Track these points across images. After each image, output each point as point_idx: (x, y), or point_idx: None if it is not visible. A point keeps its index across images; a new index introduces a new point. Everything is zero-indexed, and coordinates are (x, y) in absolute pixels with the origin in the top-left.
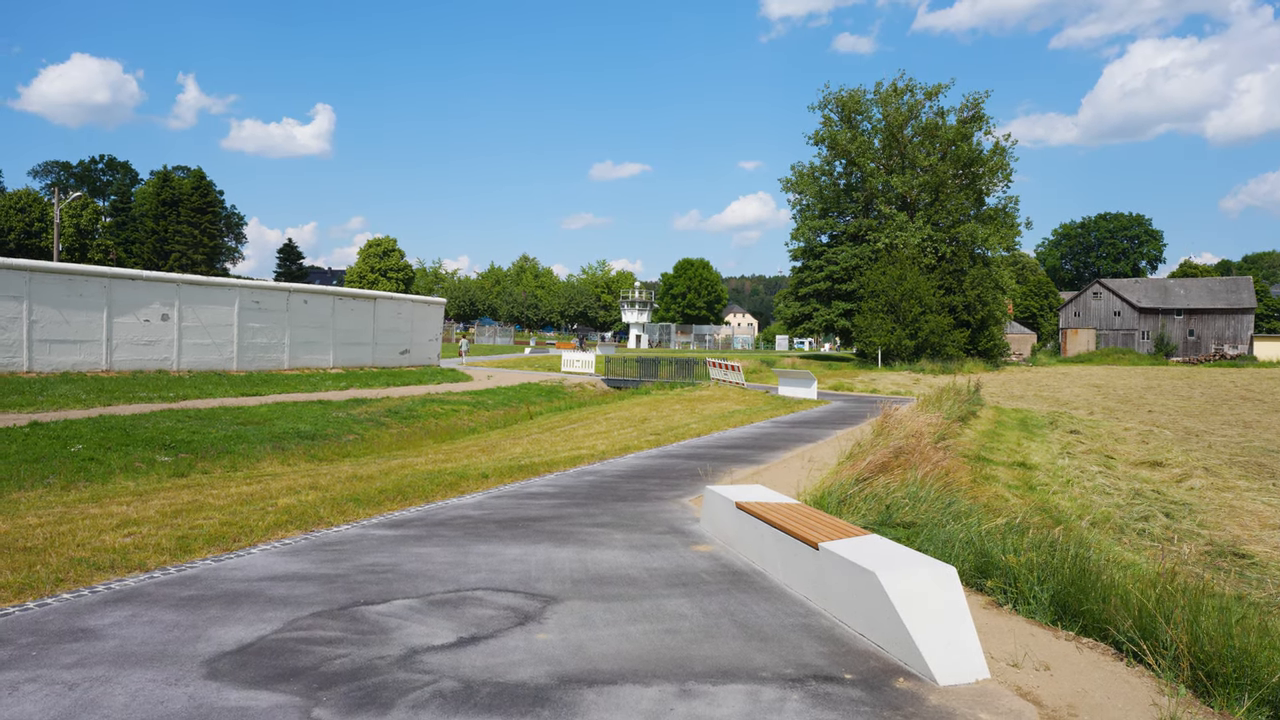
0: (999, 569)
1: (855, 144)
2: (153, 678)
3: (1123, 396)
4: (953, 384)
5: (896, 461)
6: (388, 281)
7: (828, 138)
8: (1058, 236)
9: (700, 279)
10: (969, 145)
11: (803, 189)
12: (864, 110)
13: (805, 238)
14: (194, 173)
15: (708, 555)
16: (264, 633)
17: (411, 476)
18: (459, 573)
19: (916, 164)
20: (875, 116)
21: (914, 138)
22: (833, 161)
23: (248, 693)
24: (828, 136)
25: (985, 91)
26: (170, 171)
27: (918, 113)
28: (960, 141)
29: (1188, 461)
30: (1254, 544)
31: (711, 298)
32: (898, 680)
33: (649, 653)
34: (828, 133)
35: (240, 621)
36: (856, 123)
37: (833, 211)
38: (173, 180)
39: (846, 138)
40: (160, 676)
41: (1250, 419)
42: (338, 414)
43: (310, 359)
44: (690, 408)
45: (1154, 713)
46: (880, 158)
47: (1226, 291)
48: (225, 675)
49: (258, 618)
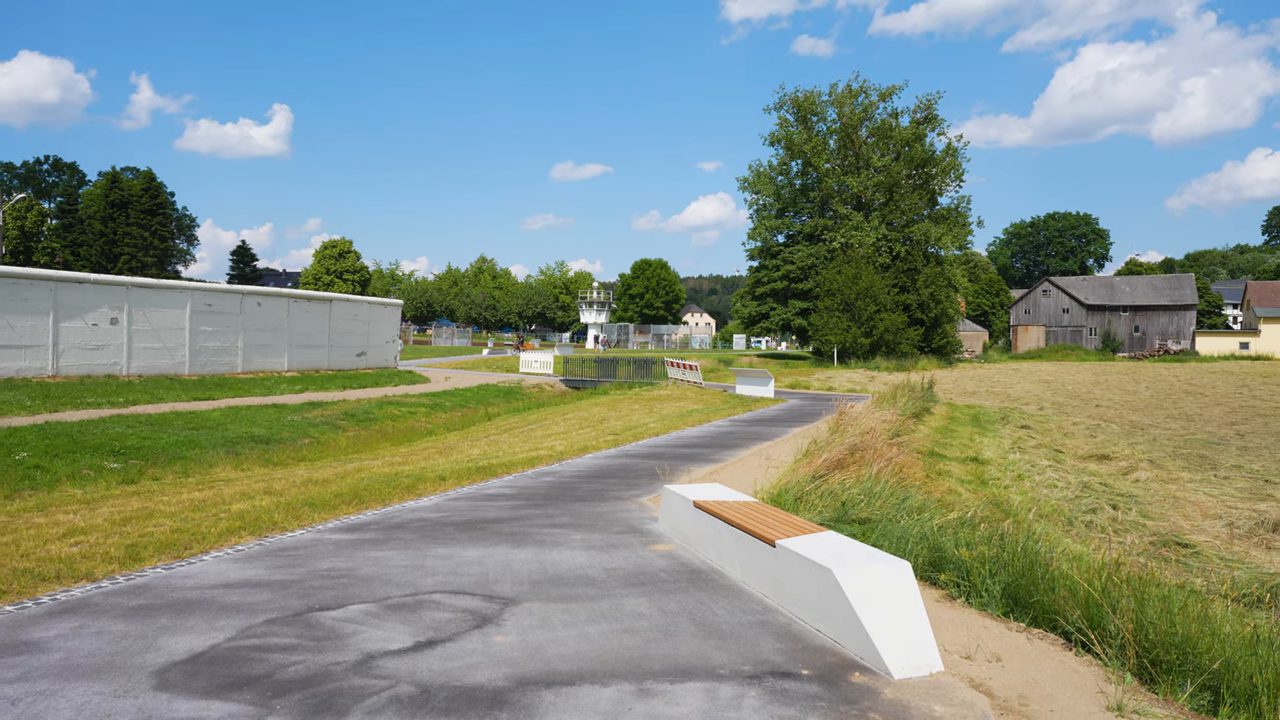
0: (952, 563)
1: (811, 145)
2: (100, 690)
3: (1072, 392)
4: (907, 381)
5: (852, 458)
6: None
7: (784, 138)
8: (1009, 235)
9: (658, 279)
10: (922, 146)
11: (760, 189)
12: (819, 111)
13: (762, 237)
14: (144, 174)
15: (666, 554)
16: (216, 641)
17: (368, 480)
18: (416, 576)
19: (871, 164)
20: (830, 117)
21: (868, 138)
22: (789, 162)
23: (199, 703)
24: (784, 137)
25: (938, 93)
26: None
27: (872, 114)
28: (914, 142)
29: (1133, 454)
30: (1196, 534)
31: (669, 298)
32: (854, 675)
33: (607, 653)
34: (784, 133)
35: (192, 630)
36: (812, 124)
37: (789, 211)
38: (122, 181)
39: (802, 138)
40: (107, 689)
41: (1192, 412)
42: (293, 417)
43: (265, 362)
44: (649, 407)
45: (1101, 701)
46: (836, 158)
47: (1170, 289)
48: (176, 686)
49: (210, 626)
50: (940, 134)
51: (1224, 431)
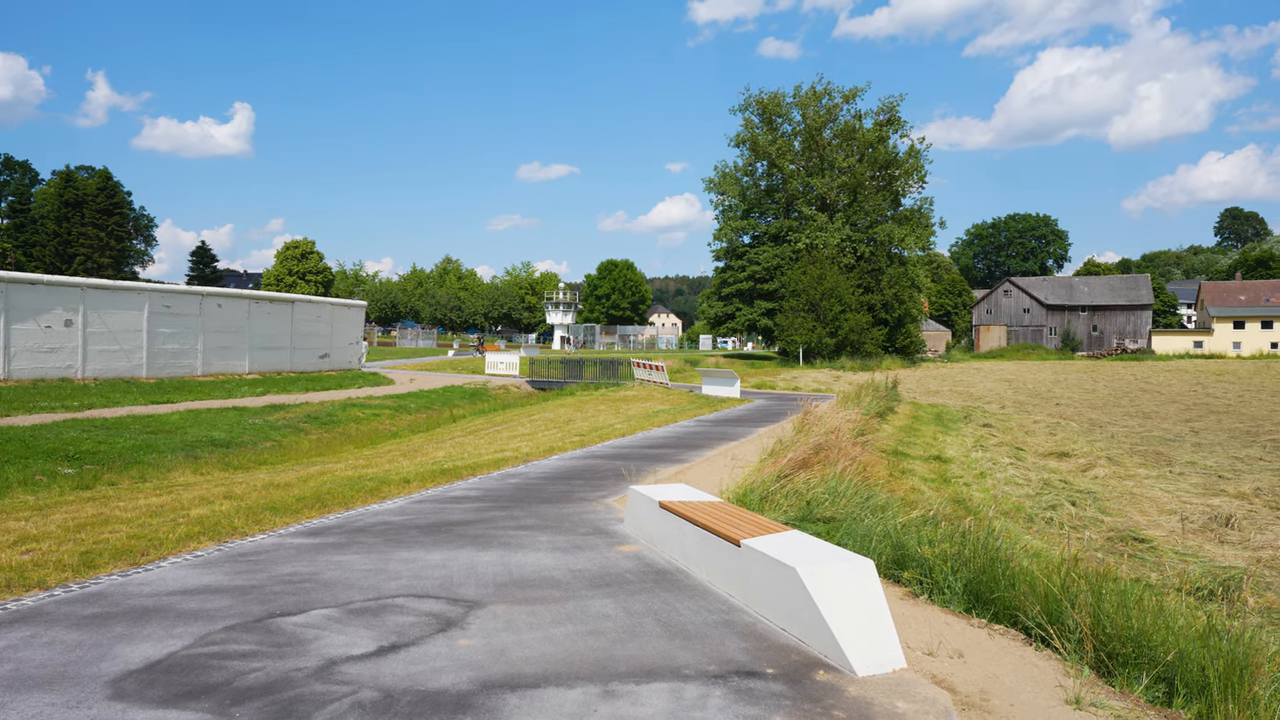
0: (915, 560)
1: (775, 146)
2: (52, 701)
3: (1032, 390)
4: (871, 381)
5: (817, 458)
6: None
7: (749, 139)
8: (970, 236)
9: (624, 280)
10: (885, 148)
11: (725, 190)
12: (784, 113)
13: (728, 238)
14: (99, 173)
15: (632, 555)
16: (174, 649)
17: (331, 483)
18: (380, 580)
19: (835, 166)
20: (795, 119)
21: (832, 140)
22: (754, 163)
23: (155, 712)
24: (749, 138)
25: (900, 95)
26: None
27: (836, 115)
28: (877, 144)
29: (1092, 451)
30: (1152, 529)
31: (636, 298)
32: (818, 673)
33: (572, 655)
34: (749, 134)
35: (148, 638)
36: (777, 125)
37: (755, 212)
38: (76, 180)
39: (767, 140)
40: (60, 700)
41: (1149, 410)
42: (254, 420)
43: (225, 364)
44: (615, 408)
45: (1060, 694)
46: (800, 159)
47: (1127, 289)
48: (131, 695)
49: (167, 633)
50: (903, 136)
51: (1179, 429)
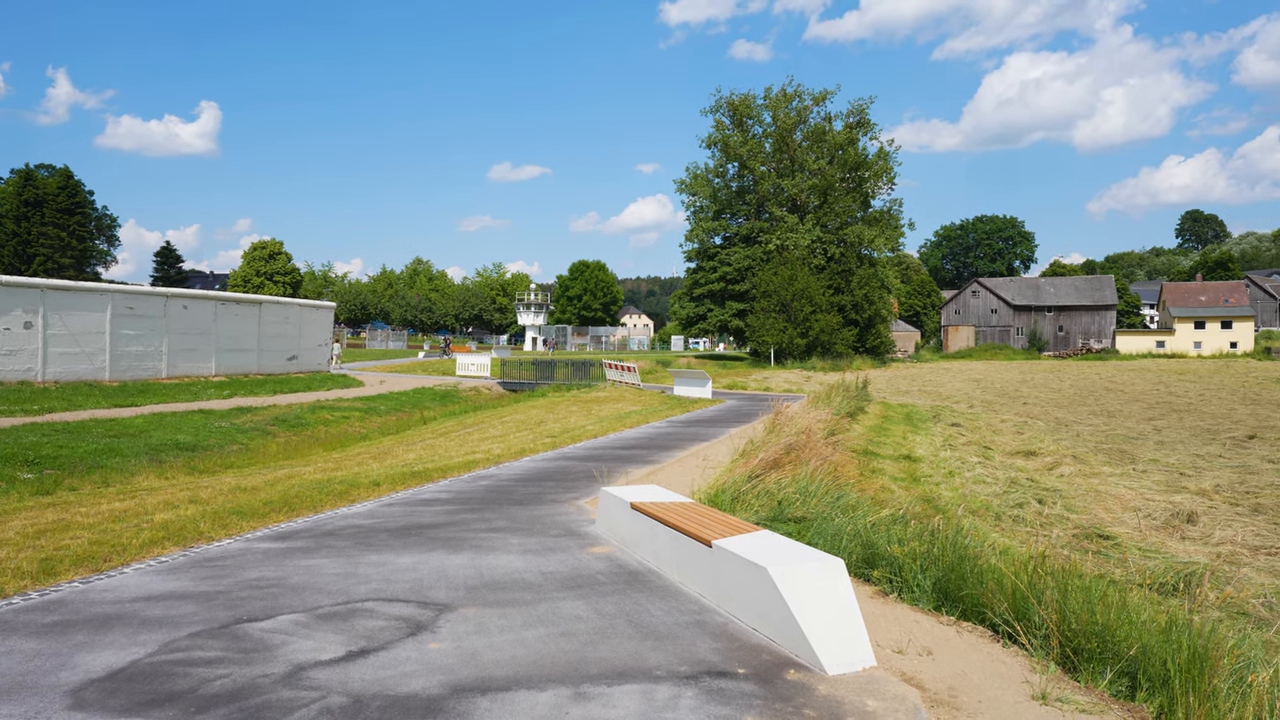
0: (885, 559)
1: (746, 147)
2: (9, 713)
3: (1000, 390)
4: (842, 381)
5: (788, 458)
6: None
7: (720, 141)
8: (939, 238)
9: (596, 281)
10: (855, 150)
11: (697, 191)
12: (755, 115)
13: (699, 239)
14: (60, 171)
15: (604, 557)
16: (137, 656)
17: (299, 486)
18: (349, 584)
19: (806, 167)
20: (766, 121)
21: (803, 142)
22: (726, 164)
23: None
24: (720, 140)
25: (870, 98)
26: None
27: (806, 117)
28: (847, 146)
29: (1058, 450)
30: (1116, 526)
31: (608, 299)
32: (789, 672)
33: (544, 657)
34: (720, 136)
35: (111, 646)
36: (748, 127)
37: (726, 213)
38: (36, 179)
39: (738, 141)
40: (18, 711)
41: (1113, 409)
42: (220, 423)
43: (191, 367)
44: (586, 409)
45: (1026, 690)
46: (771, 161)
47: (1091, 289)
48: (92, 704)
49: (130, 641)
50: (873, 138)
51: (1142, 427)
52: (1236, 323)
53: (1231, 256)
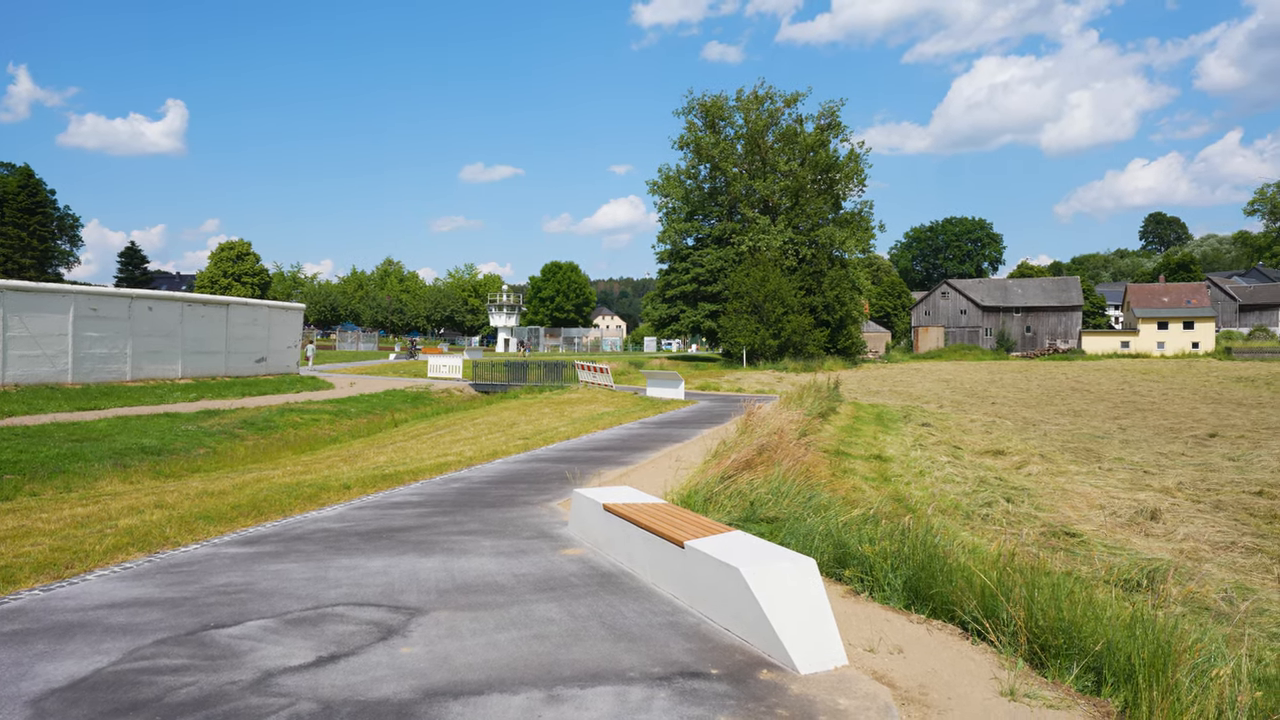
0: (856, 559)
1: (718, 149)
2: None
3: (969, 390)
4: (814, 382)
5: (760, 458)
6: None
7: (692, 142)
8: (909, 239)
9: (569, 282)
10: (826, 151)
11: (669, 192)
12: (727, 116)
13: (672, 240)
14: (20, 170)
15: (577, 559)
16: (100, 665)
17: (268, 490)
18: (319, 589)
19: (777, 169)
20: (738, 122)
21: (774, 144)
22: (698, 166)
23: None
24: (692, 141)
25: (840, 100)
26: None
27: (778, 119)
28: (818, 148)
29: (1026, 449)
30: (1082, 523)
31: (580, 300)
32: (762, 672)
33: (517, 660)
34: (692, 137)
35: (73, 655)
36: (720, 128)
37: (698, 215)
38: None
39: (710, 143)
40: None
41: (1079, 408)
42: (187, 427)
43: (156, 369)
44: (559, 411)
45: (995, 686)
46: (743, 163)
47: (1058, 290)
48: (53, 715)
49: (94, 649)
50: (843, 140)
51: (1108, 426)
52: (1198, 323)
53: (1193, 258)
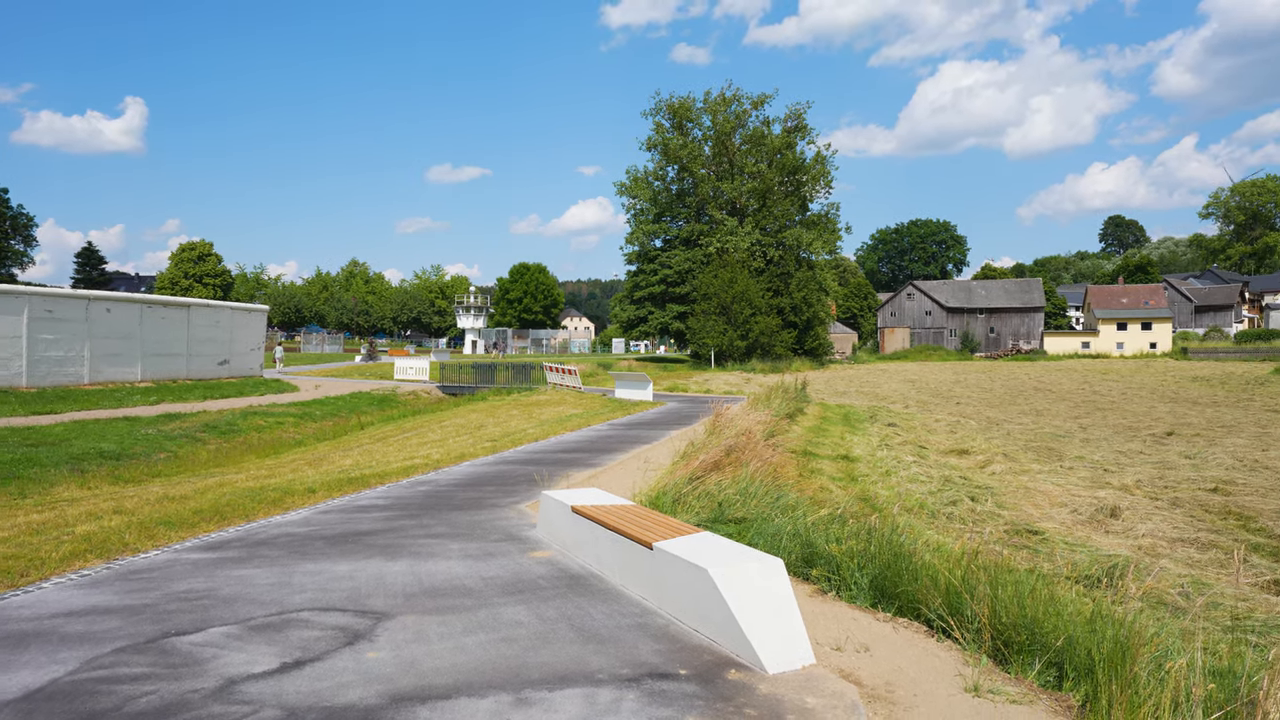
0: (823, 558)
1: (686, 150)
2: None
3: (934, 390)
4: (781, 382)
5: (728, 459)
6: (203, 288)
7: (659, 143)
8: (875, 241)
9: (537, 283)
10: (793, 154)
11: (637, 194)
12: (694, 118)
13: (640, 242)
14: None
15: (545, 561)
16: (56, 675)
17: (231, 494)
18: (283, 594)
19: (745, 170)
20: (705, 124)
21: (742, 145)
22: (666, 167)
23: None
24: (660, 142)
25: (807, 102)
26: None
27: (745, 121)
28: (785, 150)
29: (990, 448)
30: (1045, 521)
31: (548, 302)
32: (730, 672)
33: (485, 664)
34: (659, 139)
35: (27, 665)
36: (688, 130)
37: (666, 216)
38: None
39: (678, 144)
40: None
41: (1042, 408)
42: (147, 431)
43: (115, 372)
44: (527, 413)
45: (960, 683)
46: (711, 164)
47: (1021, 292)
48: None
49: (49, 659)
50: (810, 142)
51: (1069, 425)
52: (1156, 324)
53: (1151, 260)
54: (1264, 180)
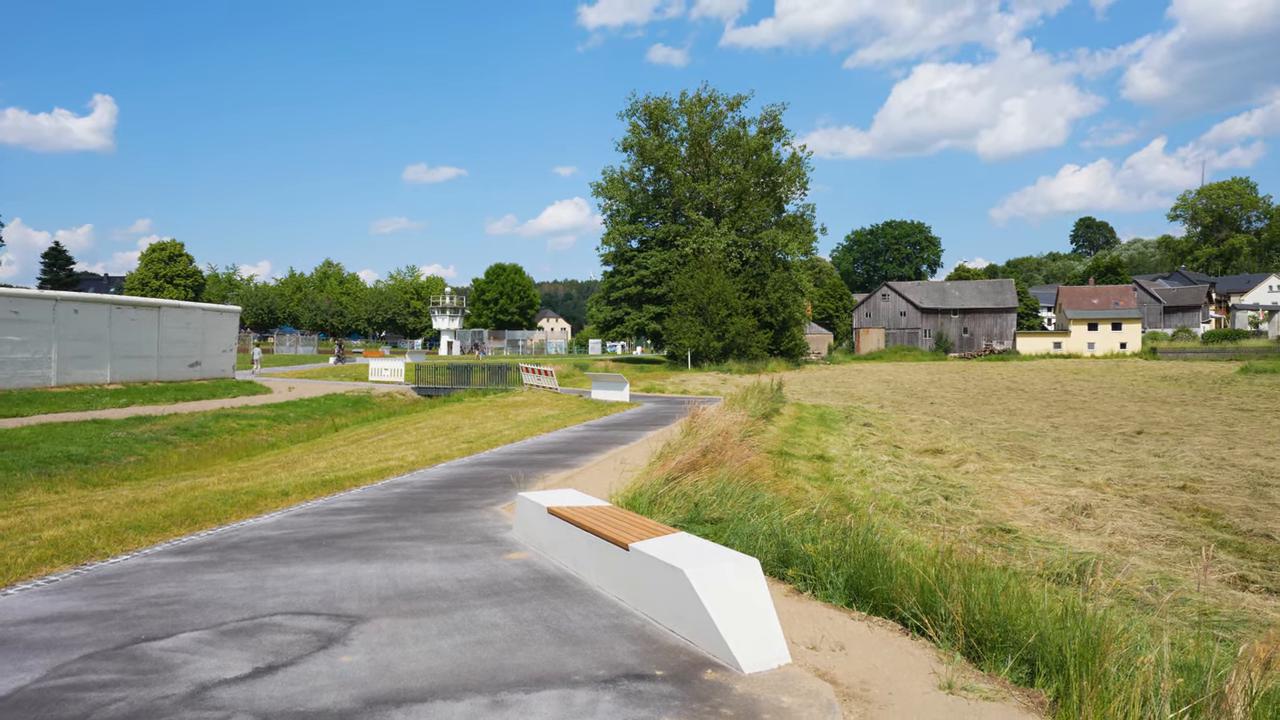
0: (799, 558)
1: (662, 151)
2: None
3: (909, 390)
4: (758, 383)
5: (705, 460)
6: (174, 289)
7: (636, 144)
8: (850, 242)
9: (513, 284)
10: (769, 155)
11: (613, 194)
12: (671, 119)
13: (616, 243)
14: None
15: (521, 563)
16: (22, 683)
17: (202, 498)
18: (256, 598)
19: (721, 172)
20: (681, 125)
21: (718, 146)
22: (642, 168)
23: None
24: (636, 143)
25: (782, 104)
26: None
27: (721, 122)
28: (761, 151)
29: (964, 448)
30: (1017, 520)
31: (524, 303)
32: (706, 672)
33: (460, 666)
34: (636, 139)
35: None
36: (664, 131)
37: (643, 217)
38: None
39: (654, 145)
40: None
41: (1014, 407)
42: (116, 434)
43: (83, 374)
44: (504, 414)
45: (934, 680)
46: (687, 165)
47: (994, 292)
48: None
49: (15, 667)
50: (785, 144)
51: (1041, 424)
52: (1126, 324)
53: (1121, 262)
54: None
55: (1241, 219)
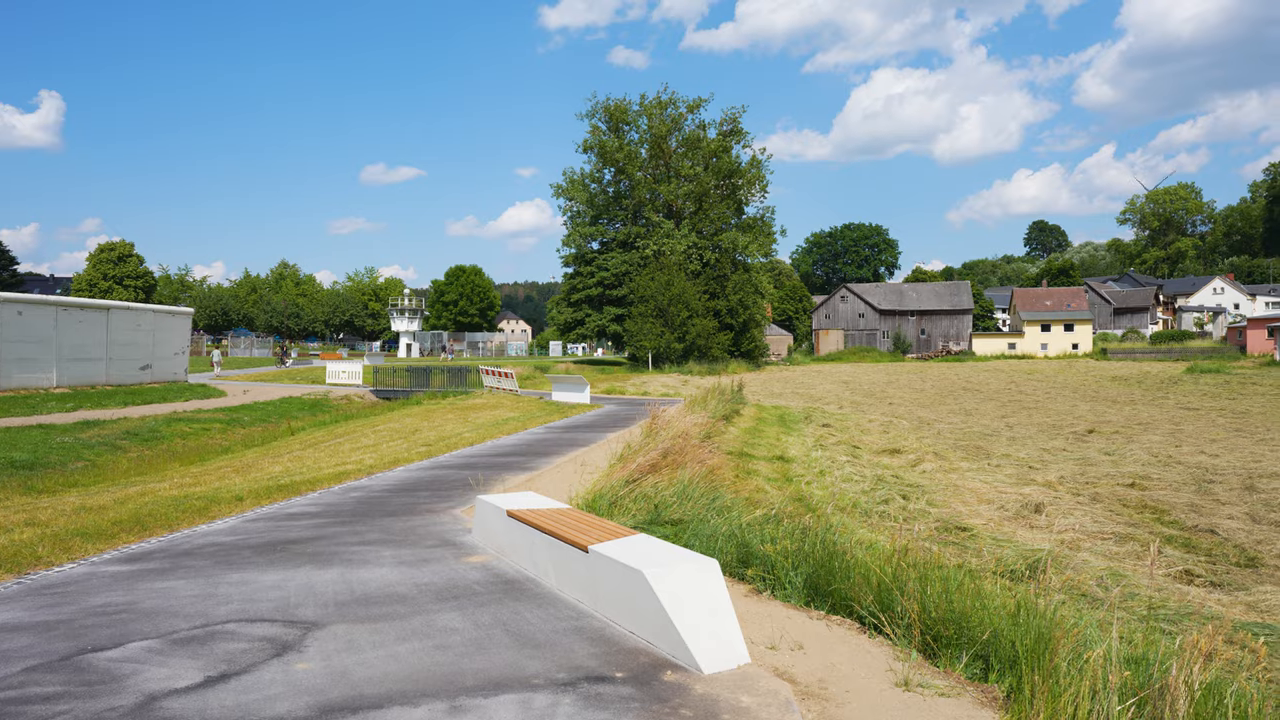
0: (758, 558)
1: (623, 153)
2: None
3: (868, 391)
4: (718, 384)
5: (665, 461)
6: (124, 290)
7: (596, 145)
8: (810, 244)
9: (473, 286)
10: (729, 157)
11: (574, 196)
12: (631, 120)
13: (577, 244)
14: None
15: (480, 566)
16: None
17: (153, 504)
18: (208, 606)
19: (681, 173)
20: (642, 126)
21: (678, 148)
22: (602, 169)
23: None
24: (596, 144)
25: (742, 107)
26: None
27: (681, 124)
28: (721, 153)
29: (921, 447)
30: (973, 518)
31: (484, 305)
32: (666, 674)
33: (418, 672)
34: (596, 141)
35: None
36: (624, 132)
37: (603, 218)
38: None
39: (614, 146)
40: None
41: (970, 407)
42: (62, 439)
43: (27, 378)
44: (463, 417)
45: (890, 678)
46: (647, 167)
47: (950, 294)
48: None
49: None
50: (745, 146)
51: (996, 424)
52: (1078, 325)
53: (1073, 264)
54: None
55: (1187, 223)
